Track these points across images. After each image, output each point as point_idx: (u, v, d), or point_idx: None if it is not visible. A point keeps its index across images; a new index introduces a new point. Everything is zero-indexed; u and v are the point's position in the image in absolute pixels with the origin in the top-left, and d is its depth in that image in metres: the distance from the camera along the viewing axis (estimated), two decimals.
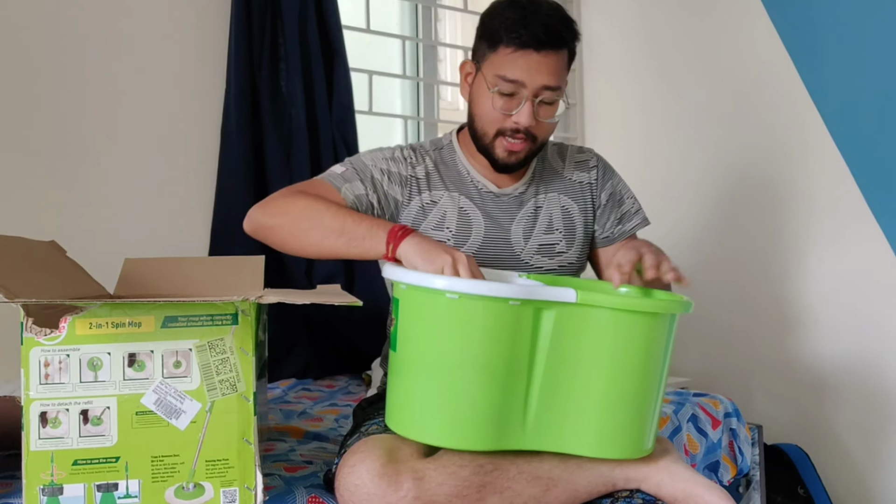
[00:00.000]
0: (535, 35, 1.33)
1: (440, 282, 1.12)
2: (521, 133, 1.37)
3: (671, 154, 2.78)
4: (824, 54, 2.36)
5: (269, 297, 1.06)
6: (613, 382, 1.14)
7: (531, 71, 1.34)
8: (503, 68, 1.35)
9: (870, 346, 2.31)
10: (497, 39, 1.36)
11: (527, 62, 1.34)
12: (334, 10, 2.35)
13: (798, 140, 2.43)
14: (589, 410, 1.14)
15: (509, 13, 1.35)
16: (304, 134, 2.26)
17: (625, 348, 1.14)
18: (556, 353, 1.13)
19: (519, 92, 1.35)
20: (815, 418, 2.41)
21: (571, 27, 1.41)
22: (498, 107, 1.37)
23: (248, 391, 1.09)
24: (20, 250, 1.20)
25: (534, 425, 1.14)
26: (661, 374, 1.19)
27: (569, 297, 1.11)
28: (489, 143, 1.41)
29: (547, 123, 1.40)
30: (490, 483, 1.11)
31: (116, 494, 1.06)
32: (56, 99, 1.99)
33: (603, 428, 1.15)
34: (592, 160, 1.56)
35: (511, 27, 1.34)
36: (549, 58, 1.35)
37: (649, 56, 2.86)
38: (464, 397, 1.12)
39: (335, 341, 2.33)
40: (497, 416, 1.13)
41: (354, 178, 1.41)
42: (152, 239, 2.11)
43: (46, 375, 1.05)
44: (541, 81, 1.35)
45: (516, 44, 1.33)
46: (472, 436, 1.13)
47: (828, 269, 2.38)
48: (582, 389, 1.14)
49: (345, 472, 1.10)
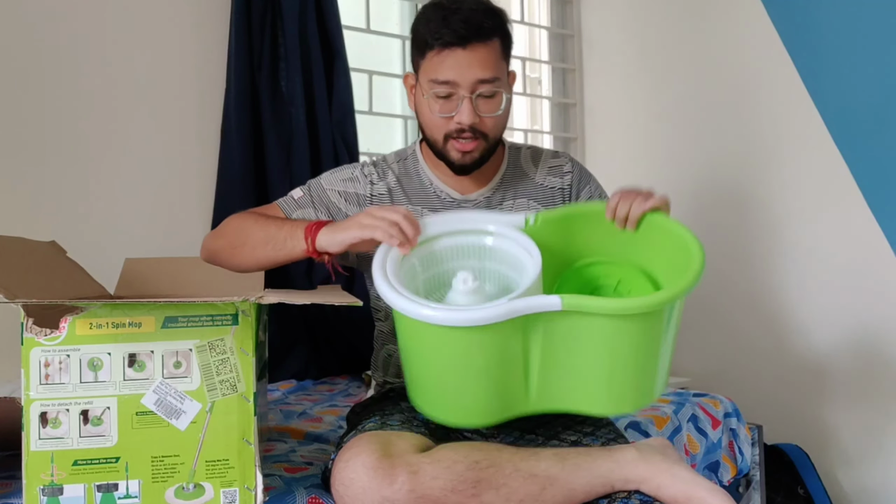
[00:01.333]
0: (456, 32, 1.31)
1: (424, 311, 1.11)
2: (468, 132, 1.35)
3: (671, 154, 2.78)
4: (824, 54, 2.36)
5: (270, 298, 1.06)
6: (613, 359, 1.16)
7: (461, 68, 1.32)
8: (434, 72, 1.33)
9: (870, 347, 2.31)
10: (424, 45, 1.34)
11: (454, 60, 1.32)
12: (334, 10, 2.35)
13: (798, 140, 2.43)
14: (589, 383, 1.18)
15: (431, 16, 1.34)
16: (304, 134, 2.26)
17: (620, 339, 1.14)
18: (552, 343, 1.14)
19: (455, 92, 1.33)
20: (815, 418, 2.41)
21: (497, 16, 1.36)
22: (436, 111, 1.35)
23: (249, 391, 1.09)
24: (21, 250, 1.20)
25: (536, 395, 1.19)
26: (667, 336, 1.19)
27: (553, 305, 1.10)
28: (441, 149, 1.39)
29: (493, 118, 1.37)
30: (485, 479, 1.11)
31: (116, 495, 1.06)
32: (56, 99, 1.99)
33: (607, 392, 1.19)
34: (567, 165, 1.53)
35: (434, 30, 1.32)
36: (477, 51, 1.32)
37: (649, 56, 2.86)
38: (465, 394, 1.18)
39: (335, 342, 2.33)
40: (501, 399, 1.18)
41: (308, 204, 1.43)
42: (152, 239, 2.11)
43: (47, 376, 1.05)
44: (473, 76, 1.32)
45: (440, 44, 1.32)
46: (479, 417, 1.21)
47: (828, 268, 2.38)
48: (580, 369, 1.16)
49: (340, 467, 1.11)
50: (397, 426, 1.21)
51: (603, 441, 1.29)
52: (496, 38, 1.35)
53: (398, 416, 1.27)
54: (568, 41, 3.10)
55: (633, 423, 1.78)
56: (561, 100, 3.08)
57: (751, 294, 2.56)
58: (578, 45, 3.09)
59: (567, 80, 3.11)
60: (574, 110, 3.09)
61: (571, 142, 3.08)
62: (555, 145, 3.05)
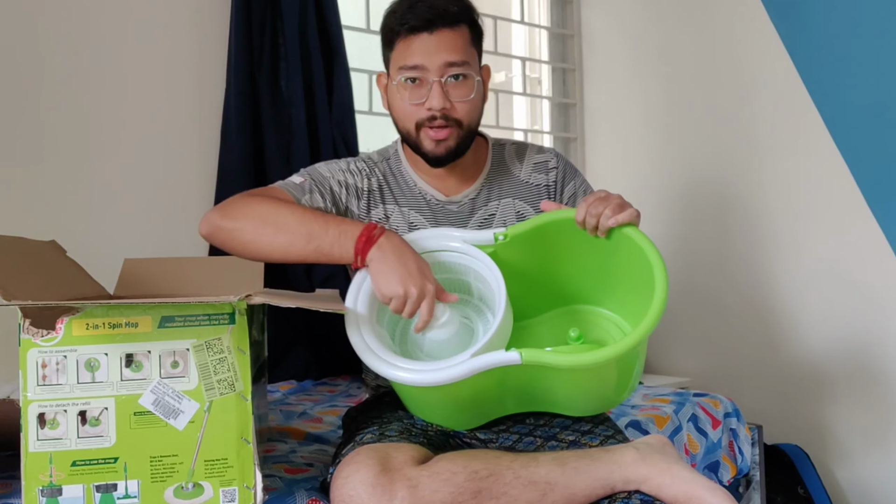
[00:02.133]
0: (422, 17, 1.32)
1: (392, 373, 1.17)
2: (439, 119, 1.34)
3: (671, 154, 2.77)
4: (824, 54, 2.36)
5: (257, 298, 1.05)
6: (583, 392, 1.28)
7: (428, 52, 1.32)
8: (402, 58, 1.34)
9: (870, 347, 2.30)
10: (392, 35, 1.36)
11: (421, 44, 1.32)
12: (334, 10, 2.35)
13: (798, 140, 2.43)
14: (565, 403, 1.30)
15: (398, 7, 1.36)
16: (304, 134, 2.26)
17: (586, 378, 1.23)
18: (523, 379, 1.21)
19: (424, 77, 1.33)
20: (815, 418, 2.41)
21: (462, 3, 1.37)
22: (407, 98, 1.35)
23: (246, 391, 1.08)
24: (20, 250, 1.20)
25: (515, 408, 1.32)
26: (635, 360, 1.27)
27: (513, 360, 1.13)
28: (416, 140, 1.38)
29: (465, 104, 1.35)
30: (486, 489, 1.10)
31: (115, 495, 1.05)
32: (56, 99, 1.99)
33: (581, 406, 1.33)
34: (552, 161, 1.50)
35: (400, 18, 1.34)
36: (444, 35, 1.33)
37: (649, 56, 2.85)
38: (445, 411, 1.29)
39: (335, 342, 2.32)
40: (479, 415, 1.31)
41: (314, 189, 1.38)
42: (152, 239, 2.11)
43: (44, 376, 1.04)
44: (441, 59, 1.32)
45: (407, 30, 1.33)
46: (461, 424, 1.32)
47: (828, 269, 2.38)
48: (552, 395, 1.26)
49: (339, 484, 1.10)
50: (395, 437, 1.20)
51: (601, 440, 1.29)
52: (464, 25, 1.36)
53: (396, 426, 1.25)
54: (568, 41, 3.10)
55: (633, 421, 1.78)
56: (561, 100, 3.08)
57: (751, 294, 2.56)
58: (578, 45, 3.09)
59: (567, 80, 3.11)
60: (574, 110, 3.09)
61: (571, 142, 3.08)
62: (555, 145, 3.05)
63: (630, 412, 1.84)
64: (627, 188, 1.68)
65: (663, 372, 2.75)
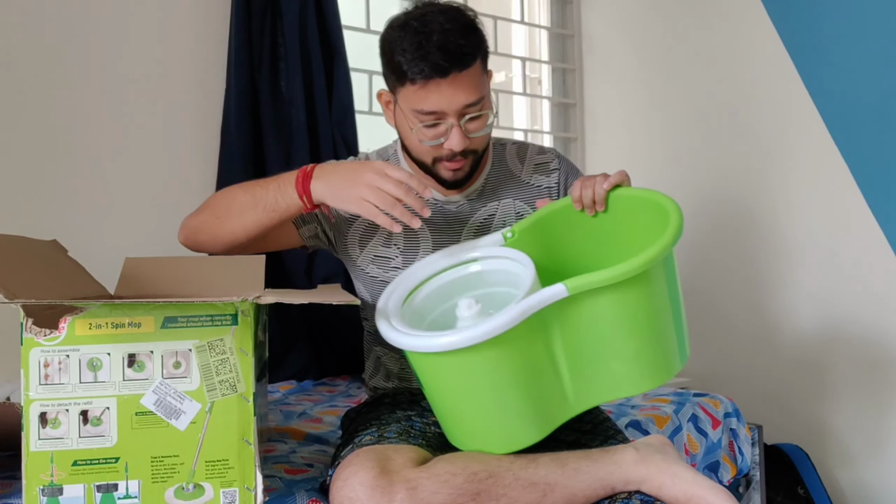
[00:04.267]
0: (436, 64, 1.25)
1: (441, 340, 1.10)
2: (458, 155, 1.33)
3: (671, 153, 2.78)
4: (824, 54, 2.36)
5: (268, 298, 1.06)
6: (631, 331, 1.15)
7: (446, 98, 1.28)
8: (418, 103, 1.29)
9: (871, 347, 2.30)
10: (402, 75, 1.29)
11: (439, 91, 1.27)
12: (334, 10, 2.35)
13: (798, 140, 2.43)
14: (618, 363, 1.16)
15: (405, 44, 1.27)
16: (304, 134, 2.26)
17: (633, 308, 1.13)
18: (570, 332, 1.14)
19: (443, 120, 1.30)
20: (815, 418, 2.41)
21: (473, 37, 1.31)
22: (426, 139, 1.32)
23: (248, 392, 1.08)
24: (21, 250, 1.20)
25: (574, 395, 1.18)
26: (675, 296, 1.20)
27: (559, 294, 1.09)
28: (430, 169, 1.37)
29: (481, 138, 1.35)
30: (485, 490, 1.10)
31: (116, 495, 1.05)
32: (57, 99, 1.99)
33: (641, 368, 1.17)
34: (554, 162, 1.50)
35: (411, 61, 1.26)
36: (460, 79, 1.27)
37: (649, 56, 2.85)
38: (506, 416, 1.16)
39: (335, 342, 2.33)
40: (542, 409, 1.17)
41: None
42: (153, 238, 2.10)
43: (46, 376, 1.04)
44: (459, 103, 1.28)
45: (421, 77, 1.27)
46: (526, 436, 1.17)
47: (828, 269, 2.38)
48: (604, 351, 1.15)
49: (338, 486, 1.10)
50: (394, 438, 1.20)
51: (601, 439, 1.29)
52: (477, 60, 1.31)
53: (395, 427, 1.25)
54: (568, 41, 3.10)
55: (633, 422, 1.78)
56: (561, 100, 3.08)
57: (751, 294, 2.56)
58: (578, 45, 3.09)
59: (567, 80, 3.11)
60: (574, 110, 3.09)
61: (571, 142, 3.08)
62: (555, 145, 3.05)
63: (630, 412, 1.85)
64: None
65: None
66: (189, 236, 1.36)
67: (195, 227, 1.35)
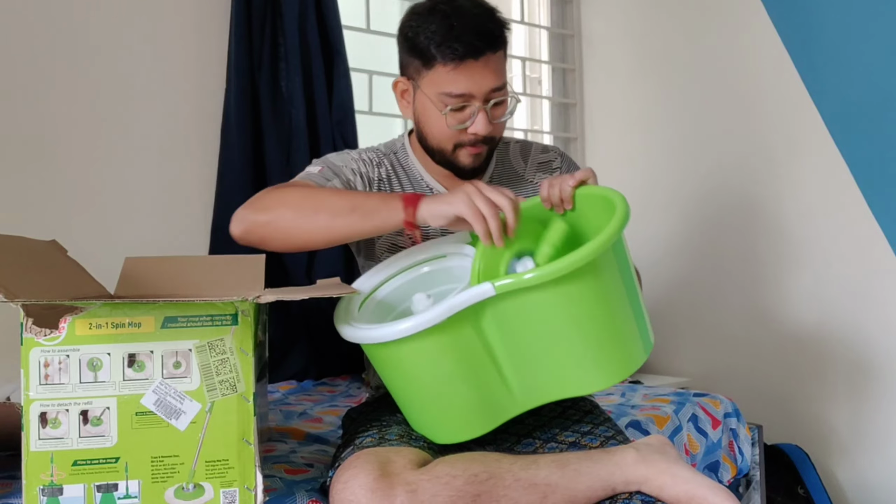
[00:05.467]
0: (470, 45, 1.28)
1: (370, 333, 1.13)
2: (480, 141, 1.35)
3: (671, 153, 2.78)
4: (824, 54, 2.36)
5: (267, 297, 1.06)
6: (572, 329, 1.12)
7: (476, 80, 1.30)
8: (447, 85, 1.30)
9: (871, 348, 2.31)
10: (430, 57, 1.30)
11: (470, 73, 1.29)
12: (334, 10, 2.35)
13: (798, 140, 2.43)
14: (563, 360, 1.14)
15: (435, 26, 1.29)
16: (304, 134, 2.26)
17: (568, 302, 1.11)
18: (508, 330, 1.13)
19: (469, 103, 1.32)
20: (815, 418, 2.41)
21: (500, 20, 1.34)
22: (452, 124, 1.33)
23: (248, 392, 1.08)
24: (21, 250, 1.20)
25: (520, 390, 1.17)
26: (629, 287, 1.17)
27: (486, 293, 1.08)
28: (450, 157, 1.38)
29: (502, 124, 1.38)
30: (486, 492, 1.10)
31: (116, 495, 1.05)
32: (57, 98, 1.99)
33: (586, 365, 1.15)
34: (556, 161, 1.52)
35: (443, 42, 1.28)
36: (490, 61, 1.31)
37: (649, 56, 2.86)
38: (449, 408, 1.19)
39: (335, 342, 2.32)
40: (483, 403, 1.18)
41: (333, 176, 1.38)
42: (152, 238, 2.11)
43: (46, 376, 1.04)
44: (488, 86, 1.31)
45: (454, 59, 1.28)
46: (472, 428, 1.20)
47: (828, 268, 2.38)
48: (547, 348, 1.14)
49: (338, 489, 1.09)
50: (395, 440, 1.20)
51: (601, 440, 1.29)
52: (503, 45, 1.35)
53: (395, 429, 1.25)
54: (568, 41, 3.10)
55: (633, 422, 1.78)
56: (561, 100, 3.08)
57: (751, 294, 2.56)
58: (578, 45, 3.09)
59: (567, 80, 3.11)
60: (574, 110, 3.09)
61: (571, 142, 3.08)
62: (555, 145, 3.04)
63: (630, 412, 1.85)
64: (627, 188, 1.68)
65: (663, 372, 2.75)
66: (251, 231, 1.27)
67: (265, 222, 1.26)
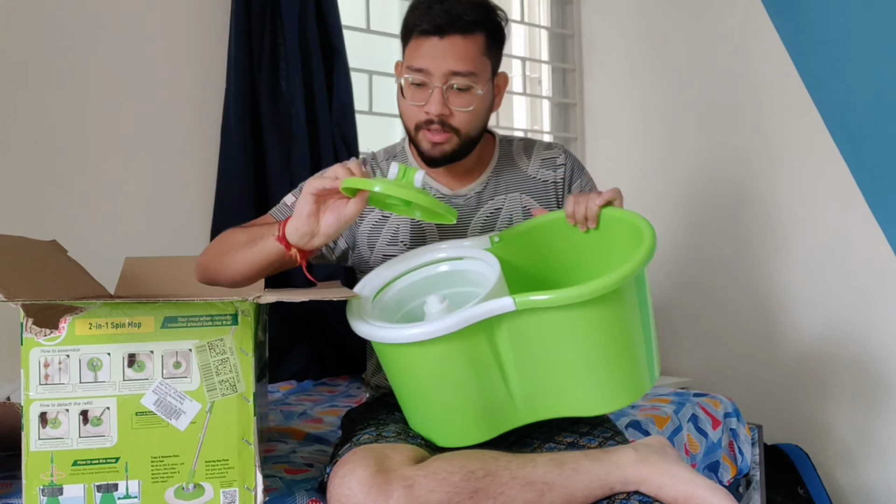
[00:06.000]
0: (435, 21, 1.31)
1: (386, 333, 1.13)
2: (436, 123, 1.34)
3: (671, 153, 2.78)
4: (824, 54, 2.36)
5: (267, 297, 1.06)
6: (585, 352, 1.14)
7: (435, 57, 1.32)
8: (412, 59, 1.34)
9: (870, 347, 2.31)
10: (408, 32, 1.36)
11: (430, 48, 1.32)
12: (334, 10, 2.35)
13: (798, 140, 2.43)
14: (570, 380, 1.16)
15: (420, 4, 1.35)
16: (304, 134, 2.26)
17: (579, 324, 1.12)
18: (521, 346, 1.14)
19: (428, 81, 1.33)
20: (815, 418, 2.41)
21: (484, 10, 1.36)
22: (409, 97, 1.35)
23: (248, 392, 1.08)
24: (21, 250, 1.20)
25: (524, 403, 1.18)
26: (638, 320, 1.18)
27: (506, 307, 1.10)
28: (414, 138, 1.39)
29: (465, 113, 1.35)
30: (482, 489, 1.10)
31: (116, 495, 1.06)
32: (57, 99, 1.99)
33: (593, 388, 1.16)
34: (560, 157, 1.51)
35: (417, 17, 1.34)
36: (455, 43, 1.32)
37: (649, 56, 2.86)
38: (452, 413, 1.19)
39: (335, 342, 2.33)
40: (486, 412, 1.18)
41: None
42: (152, 239, 2.11)
43: (46, 376, 1.04)
44: (446, 67, 1.31)
45: (419, 32, 1.33)
46: (472, 435, 1.19)
47: (828, 268, 2.38)
48: (557, 367, 1.15)
49: (335, 484, 1.09)
50: (392, 437, 1.20)
51: (600, 441, 1.29)
52: (479, 33, 1.34)
53: (393, 427, 1.25)
54: (568, 41, 3.10)
55: (633, 422, 1.78)
56: (561, 100, 3.08)
57: (751, 294, 2.56)
58: (578, 45, 3.09)
59: (567, 80, 3.11)
60: (574, 110, 3.09)
61: (571, 142, 3.08)
62: None
63: (630, 412, 1.85)
64: (627, 188, 1.68)
65: (663, 372, 2.75)
66: (202, 275, 1.36)
67: (203, 265, 1.35)
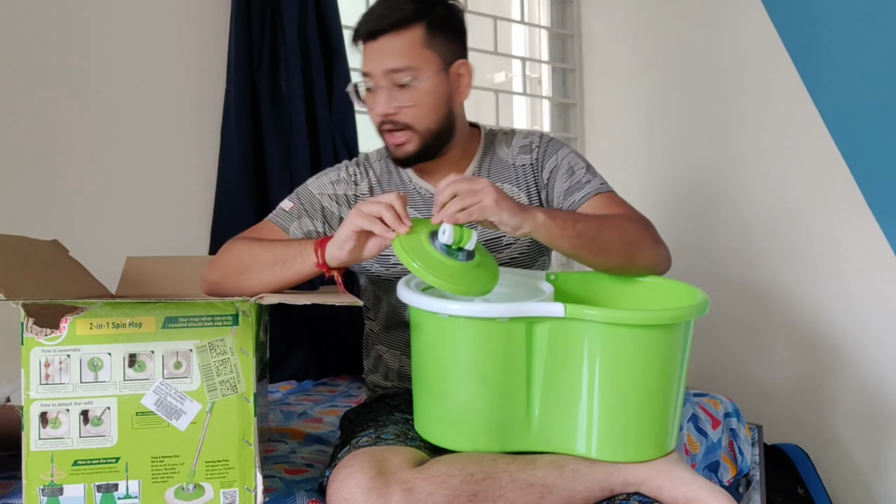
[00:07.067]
0: (368, 25, 1.36)
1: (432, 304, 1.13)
2: (388, 123, 1.38)
3: (670, 153, 2.78)
4: (824, 54, 2.36)
5: (269, 298, 1.06)
6: (612, 388, 1.14)
7: (372, 60, 1.36)
8: (362, 66, 1.39)
9: (871, 348, 2.31)
10: (355, 42, 1.41)
11: (369, 52, 1.37)
12: (334, 10, 2.35)
13: (798, 140, 2.43)
14: (591, 415, 1.15)
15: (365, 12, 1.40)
16: (304, 134, 2.26)
17: (619, 356, 1.14)
18: (554, 361, 1.14)
19: (375, 84, 1.37)
20: (815, 418, 2.41)
21: (419, 3, 1.37)
22: (367, 103, 1.40)
23: (249, 392, 1.09)
24: (22, 250, 1.21)
25: (539, 428, 1.17)
26: (670, 380, 1.18)
27: (557, 312, 1.11)
28: (384, 142, 1.44)
29: (411, 108, 1.36)
30: (482, 492, 1.09)
31: (116, 495, 1.06)
32: (57, 99, 1.99)
33: (607, 431, 1.16)
34: (535, 141, 1.52)
35: (357, 25, 1.39)
36: (386, 42, 1.35)
37: (649, 56, 2.86)
38: (467, 406, 1.17)
39: (335, 342, 2.33)
40: (501, 421, 1.16)
41: (302, 213, 1.42)
42: (153, 238, 2.11)
43: (47, 376, 1.04)
44: (382, 66, 1.35)
45: (359, 38, 1.38)
46: (478, 439, 1.17)
47: (827, 268, 2.38)
48: (582, 395, 1.15)
49: (335, 487, 1.09)
50: (391, 440, 1.20)
51: None
52: (416, 26, 1.35)
53: (392, 429, 1.25)
54: (568, 41, 3.10)
55: None
56: (561, 100, 3.08)
57: (751, 294, 2.56)
58: (578, 45, 3.09)
59: (567, 80, 3.11)
60: (574, 110, 3.09)
61: (571, 142, 3.08)
62: None
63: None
64: (627, 188, 1.68)
65: None
66: (213, 290, 1.34)
67: (216, 282, 1.32)
